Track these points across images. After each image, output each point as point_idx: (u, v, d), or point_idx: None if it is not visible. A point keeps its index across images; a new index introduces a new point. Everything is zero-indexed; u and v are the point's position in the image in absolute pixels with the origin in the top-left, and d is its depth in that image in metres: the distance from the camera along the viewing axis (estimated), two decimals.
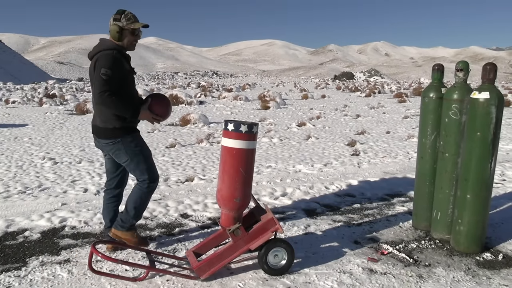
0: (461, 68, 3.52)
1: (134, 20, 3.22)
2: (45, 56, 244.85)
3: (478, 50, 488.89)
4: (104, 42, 3.23)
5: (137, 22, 3.23)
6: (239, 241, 3.01)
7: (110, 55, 3.10)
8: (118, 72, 3.10)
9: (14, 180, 5.75)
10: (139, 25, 3.23)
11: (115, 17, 3.18)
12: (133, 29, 3.22)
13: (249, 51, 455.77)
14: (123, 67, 3.18)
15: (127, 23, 3.18)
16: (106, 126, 3.21)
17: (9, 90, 34.46)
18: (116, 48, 3.18)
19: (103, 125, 3.22)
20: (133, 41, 3.28)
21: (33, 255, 3.41)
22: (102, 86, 3.02)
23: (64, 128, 11.29)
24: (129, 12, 3.22)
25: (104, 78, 3.02)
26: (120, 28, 3.18)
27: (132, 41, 3.27)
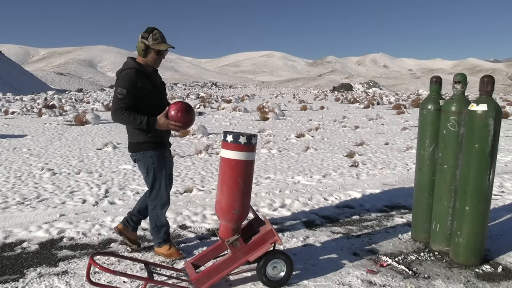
0: (458, 80, 3.54)
1: (161, 40, 3.30)
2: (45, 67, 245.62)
3: (476, 62, 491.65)
4: (126, 62, 3.39)
5: (164, 43, 3.31)
6: (238, 253, 3.00)
7: (128, 74, 3.27)
8: (133, 90, 3.24)
9: (13, 191, 5.74)
10: (164, 47, 3.31)
11: (143, 35, 3.29)
12: (158, 49, 3.32)
13: (248, 63, 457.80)
14: (141, 85, 3.28)
15: (154, 43, 3.28)
16: (132, 141, 3.41)
17: (9, 101, 34.51)
18: (135, 67, 3.32)
19: (130, 139, 3.44)
20: (157, 60, 3.38)
21: (31, 267, 3.40)
22: (116, 104, 3.23)
23: (63, 139, 11.29)
24: (157, 32, 3.30)
25: (119, 97, 3.22)
26: (146, 46, 3.30)
27: (156, 59, 3.38)
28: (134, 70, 3.30)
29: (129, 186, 6.10)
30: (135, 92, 3.25)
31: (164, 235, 3.57)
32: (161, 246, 3.57)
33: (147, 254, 3.68)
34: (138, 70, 3.31)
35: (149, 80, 3.37)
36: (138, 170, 7.14)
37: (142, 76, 3.32)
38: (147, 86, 3.32)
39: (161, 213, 3.52)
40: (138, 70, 3.32)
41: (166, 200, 3.51)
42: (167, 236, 3.60)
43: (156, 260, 3.52)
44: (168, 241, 3.59)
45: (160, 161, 3.42)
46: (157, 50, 3.31)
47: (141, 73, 3.33)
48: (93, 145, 10.26)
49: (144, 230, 4.29)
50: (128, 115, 3.20)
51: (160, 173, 3.43)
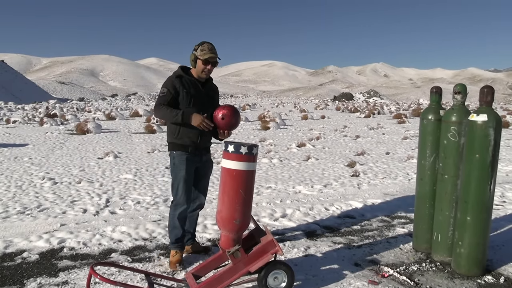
0: (459, 90, 3.56)
1: (207, 51, 3.49)
2: (46, 76, 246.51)
3: (476, 72, 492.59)
4: (175, 70, 3.65)
5: (208, 53, 3.49)
6: (239, 263, 2.99)
7: (169, 78, 3.58)
8: (172, 90, 3.49)
9: (13, 200, 5.74)
10: (207, 55, 3.48)
11: (195, 47, 3.55)
12: (203, 59, 3.48)
13: (249, 72, 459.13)
14: (181, 89, 3.49)
15: (201, 53, 3.49)
16: (167, 140, 3.68)
17: (10, 109, 34.64)
18: (179, 74, 3.57)
19: (167, 139, 3.69)
20: (204, 69, 3.54)
21: (31, 277, 3.39)
22: (157, 100, 3.54)
23: (64, 148, 11.31)
24: (207, 44, 3.52)
25: (160, 95, 3.53)
26: (194, 57, 3.53)
27: (203, 69, 3.54)
28: (178, 75, 3.56)
29: (130, 195, 6.10)
30: (175, 94, 3.48)
31: (174, 238, 3.63)
32: (171, 249, 3.67)
33: (147, 264, 3.67)
34: (181, 76, 3.56)
35: (193, 87, 3.55)
36: (139, 180, 7.17)
37: (185, 81, 3.54)
38: (188, 91, 3.51)
39: (174, 214, 3.60)
40: (182, 76, 3.56)
41: (181, 202, 3.56)
42: (177, 241, 3.63)
43: (156, 271, 3.51)
44: (178, 248, 3.64)
45: (179, 162, 3.54)
46: (203, 60, 3.49)
47: (184, 79, 3.55)
48: (94, 154, 10.27)
49: (144, 240, 4.28)
50: (166, 108, 3.46)
51: (178, 174, 3.55)
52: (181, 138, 3.52)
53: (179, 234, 3.65)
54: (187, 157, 3.54)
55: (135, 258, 3.82)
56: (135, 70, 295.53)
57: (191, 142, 3.52)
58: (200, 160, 3.64)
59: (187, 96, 3.49)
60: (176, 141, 3.55)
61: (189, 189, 3.58)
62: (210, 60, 3.50)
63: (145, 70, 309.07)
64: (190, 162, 3.55)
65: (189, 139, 3.51)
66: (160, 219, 4.94)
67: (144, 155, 10.14)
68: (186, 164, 3.53)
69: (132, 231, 4.49)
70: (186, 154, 3.54)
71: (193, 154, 3.57)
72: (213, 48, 3.51)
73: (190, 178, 3.57)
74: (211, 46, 3.51)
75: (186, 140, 3.52)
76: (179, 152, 3.55)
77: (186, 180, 3.54)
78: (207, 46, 3.50)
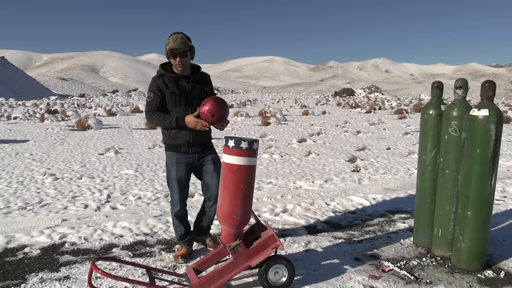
0: (460, 85, 3.55)
1: (172, 43, 3.29)
2: (47, 72, 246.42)
3: (477, 67, 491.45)
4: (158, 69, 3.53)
5: (172, 45, 3.29)
6: (240, 258, 3.00)
7: (152, 80, 3.49)
8: (158, 93, 3.42)
9: (15, 196, 5.75)
10: (170, 47, 3.30)
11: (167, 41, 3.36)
12: (169, 53, 3.36)
13: (250, 68, 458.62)
14: (164, 89, 3.41)
15: (167, 47, 3.34)
16: (162, 141, 3.67)
17: (11, 106, 34.65)
18: (160, 72, 3.47)
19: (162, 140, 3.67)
20: (174, 62, 3.40)
21: (33, 272, 3.40)
22: (146, 107, 3.49)
23: (65, 144, 11.32)
24: (173, 35, 3.33)
25: (148, 101, 3.48)
26: (166, 51, 3.37)
27: (174, 63, 3.41)
28: (159, 75, 3.46)
29: (131, 191, 6.11)
30: (161, 96, 3.43)
31: (178, 235, 3.70)
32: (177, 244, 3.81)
33: (148, 259, 3.68)
34: (162, 75, 3.46)
35: (176, 84, 3.45)
36: (140, 175, 7.18)
37: (167, 80, 3.44)
38: (172, 90, 3.42)
39: (171, 213, 3.67)
40: (163, 74, 3.46)
41: (175, 202, 3.61)
42: (181, 238, 3.70)
43: (158, 265, 3.52)
44: (183, 243, 3.70)
45: (170, 163, 3.56)
46: (170, 53, 3.36)
47: (166, 77, 3.45)
48: (95, 150, 10.28)
49: (145, 235, 4.29)
50: (158, 116, 3.42)
51: (170, 175, 3.58)
52: (173, 139, 3.48)
53: (182, 232, 3.69)
54: (177, 158, 3.52)
55: (136, 253, 3.83)
56: (135, 66, 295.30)
57: (184, 142, 3.48)
58: (195, 159, 3.57)
59: (172, 96, 3.42)
60: (169, 141, 3.52)
61: (182, 189, 3.59)
62: (175, 52, 3.31)
63: (146, 66, 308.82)
64: (181, 162, 3.53)
65: (181, 139, 3.47)
66: (161, 214, 4.95)
67: (145, 151, 10.15)
68: (177, 165, 3.53)
69: (133, 226, 4.50)
70: (177, 154, 3.52)
71: (186, 153, 3.52)
72: (178, 38, 3.29)
73: (181, 178, 3.56)
74: (176, 37, 3.29)
75: (179, 140, 3.48)
76: (170, 153, 3.55)
77: (178, 181, 3.55)
78: (171, 37, 3.30)
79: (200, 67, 3.64)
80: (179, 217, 3.66)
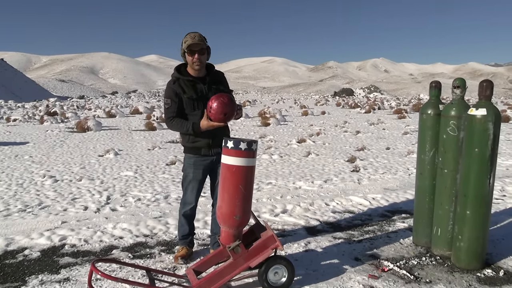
0: (458, 85, 3.56)
1: (190, 39, 3.28)
2: (46, 74, 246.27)
3: (476, 66, 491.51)
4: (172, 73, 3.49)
5: (190, 41, 3.28)
6: (239, 259, 3.00)
7: (168, 85, 3.46)
8: (175, 98, 3.39)
9: (15, 198, 5.76)
10: (189, 43, 3.27)
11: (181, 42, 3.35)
12: (185, 49, 3.32)
13: (249, 68, 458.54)
14: (181, 94, 3.39)
15: (184, 45, 3.32)
16: (181, 143, 3.69)
17: (11, 108, 34.63)
18: (174, 76, 3.44)
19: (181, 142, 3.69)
20: (192, 60, 3.34)
21: (33, 274, 3.40)
22: (165, 114, 3.49)
23: (64, 146, 11.32)
24: (190, 34, 3.32)
25: (166, 107, 3.46)
26: (183, 51, 3.36)
27: (192, 61, 3.35)
28: (175, 80, 3.43)
29: (130, 192, 6.11)
30: (179, 101, 3.40)
31: (181, 234, 3.71)
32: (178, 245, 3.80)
33: (148, 260, 3.69)
34: (177, 79, 3.42)
35: (193, 88, 3.41)
36: (140, 177, 7.18)
37: (183, 84, 3.40)
38: (190, 95, 3.39)
39: (180, 211, 3.67)
40: (178, 79, 3.42)
41: (186, 201, 3.61)
42: (183, 238, 3.71)
43: (158, 267, 3.53)
44: (185, 244, 3.71)
45: (187, 165, 3.57)
46: (187, 51, 3.32)
47: (182, 81, 3.41)
48: (94, 152, 10.29)
49: (145, 236, 4.30)
50: (176, 123, 3.42)
51: (186, 177, 3.58)
52: (194, 142, 3.46)
53: (185, 232, 3.69)
54: (195, 160, 3.51)
55: (136, 254, 3.84)
56: (135, 68, 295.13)
57: (205, 144, 3.46)
58: (213, 161, 3.52)
59: (189, 101, 3.39)
60: (187, 144, 3.51)
61: (196, 191, 3.58)
62: (194, 48, 3.28)
63: (145, 67, 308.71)
64: (199, 165, 3.52)
65: (201, 141, 3.45)
66: (161, 215, 4.95)
67: (144, 152, 10.16)
68: (194, 167, 3.52)
69: (133, 228, 4.50)
70: (195, 157, 3.51)
71: (206, 156, 3.50)
72: (196, 36, 3.29)
73: (197, 181, 3.55)
74: (194, 34, 3.30)
75: (199, 143, 3.45)
76: (188, 155, 3.56)
77: (193, 183, 3.56)
78: (189, 35, 3.30)
79: (214, 66, 3.57)
80: (187, 217, 3.66)
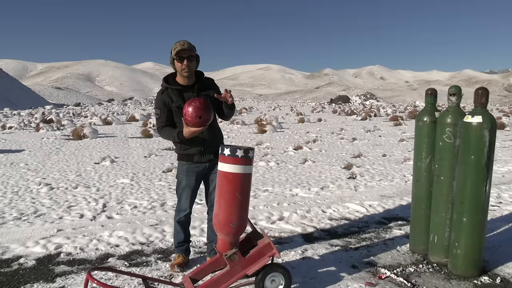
0: (453, 92, 3.58)
1: (178, 46, 3.32)
2: (42, 82, 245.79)
3: (472, 74, 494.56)
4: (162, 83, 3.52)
5: (179, 47, 3.30)
6: (236, 266, 2.99)
7: (157, 95, 3.50)
8: (164, 108, 3.44)
9: (10, 206, 5.72)
10: (177, 50, 3.30)
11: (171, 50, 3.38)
12: (175, 56, 3.34)
13: (246, 76, 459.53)
14: (169, 103, 3.42)
15: (173, 52, 3.35)
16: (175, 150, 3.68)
17: (6, 115, 34.55)
18: (163, 86, 3.47)
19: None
20: (181, 68, 3.36)
21: (28, 283, 3.37)
22: (156, 124, 3.55)
23: (60, 153, 11.29)
24: (179, 41, 3.36)
25: (156, 117, 3.53)
26: (172, 59, 3.39)
27: (181, 68, 3.36)
28: (163, 90, 3.46)
29: (127, 200, 6.09)
30: (168, 111, 3.45)
31: (176, 242, 3.71)
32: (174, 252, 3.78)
33: (145, 269, 3.67)
34: (166, 88, 3.45)
35: (180, 96, 3.42)
36: (136, 184, 7.16)
37: (172, 93, 3.42)
38: (178, 104, 3.40)
39: (174, 219, 3.67)
40: (166, 88, 3.45)
41: (181, 209, 3.61)
42: (179, 245, 3.70)
43: (154, 275, 3.51)
44: (180, 252, 3.71)
45: (180, 173, 3.58)
46: (176, 58, 3.33)
47: (170, 91, 3.43)
48: (90, 159, 10.25)
49: (141, 244, 4.27)
50: (165, 132, 3.48)
51: (180, 184, 3.59)
52: (186, 149, 3.49)
53: (181, 239, 3.68)
54: (187, 167, 3.52)
55: (132, 262, 3.81)
56: (131, 75, 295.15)
57: (196, 151, 3.47)
58: (206, 168, 3.54)
59: (178, 109, 3.40)
60: (180, 151, 3.54)
61: (190, 198, 3.58)
62: (183, 55, 3.30)
63: (142, 74, 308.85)
64: (192, 172, 3.53)
65: (193, 148, 3.47)
66: (157, 223, 4.93)
67: (140, 160, 10.13)
68: (187, 174, 3.53)
69: (129, 236, 4.48)
70: (188, 164, 3.52)
71: (199, 163, 3.51)
72: (185, 43, 3.32)
73: (191, 188, 3.56)
74: (183, 42, 3.34)
75: (192, 150, 3.47)
76: (181, 162, 3.58)
77: (187, 190, 3.56)
78: (178, 43, 3.34)
79: (203, 73, 3.59)
80: (182, 224, 3.65)
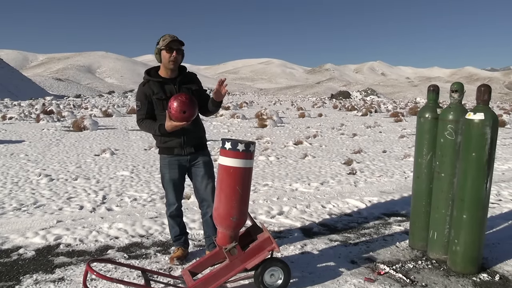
0: (456, 89, 3.56)
1: (169, 38, 3.35)
2: (43, 73, 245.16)
3: (473, 71, 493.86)
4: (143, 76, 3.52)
5: (170, 39, 3.34)
6: (235, 260, 3.00)
7: (139, 87, 3.50)
8: (145, 100, 3.44)
9: (10, 197, 5.72)
10: (168, 41, 3.33)
11: (157, 41, 3.41)
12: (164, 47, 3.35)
13: (247, 70, 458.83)
14: (150, 95, 3.42)
15: (162, 42, 3.36)
16: (155, 145, 3.66)
17: (7, 106, 34.49)
18: (146, 79, 3.46)
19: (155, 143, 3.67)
20: (169, 58, 3.37)
21: (27, 273, 3.38)
22: (136, 116, 3.53)
23: (60, 145, 11.28)
24: (169, 34, 3.40)
25: (137, 109, 3.51)
26: (158, 50, 3.40)
27: (169, 58, 3.37)
28: (144, 81, 3.46)
29: (126, 192, 6.09)
30: (148, 103, 3.44)
31: (173, 236, 3.72)
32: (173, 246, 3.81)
33: (144, 261, 3.67)
34: (147, 81, 3.45)
35: (162, 89, 3.42)
36: (136, 177, 7.16)
37: (153, 86, 3.42)
38: (159, 96, 3.41)
39: (166, 213, 3.67)
40: (148, 80, 3.45)
41: (170, 203, 3.62)
42: (175, 239, 3.71)
43: (153, 267, 3.51)
44: (179, 245, 3.71)
45: (163, 166, 3.57)
46: (166, 48, 3.34)
47: (152, 83, 3.43)
48: (90, 151, 10.25)
49: (141, 237, 4.28)
50: (145, 124, 3.46)
51: (164, 178, 3.59)
52: (165, 142, 3.49)
53: (177, 233, 3.69)
54: (169, 160, 3.53)
55: (131, 255, 3.82)
56: (132, 67, 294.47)
57: (177, 143, 3.47)
58: (188, 160, 3.55)
59: (159, 101, 3.41)
60: (160, 145, 3.54)
61: (176, 191, 3.59)
62: (173, 46, 3.35)
63: (142, 67, 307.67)
64: (174, 164, 3.53)
65: (173, 141, 3.47)
66: (157, 216, 4.94)
67: (141, 152, 10.13)
68: (169, 167, 3.53)
69: (128, 228, 4.49)
70: (169, 157, 3.52)
71: (179, 155, 3.51)
72: (175, 37, 3.37)
73: (175, 180, 3.56)
74: (173, 35, 3.38)
75: (171, 143, 3.48)
76: (162, 155, 3.57)
77: (171, 183, 3.56)
78: (168, 35, 3.38)
79: (186, 68, 3.62)
80: (174, 217, 3.66)
